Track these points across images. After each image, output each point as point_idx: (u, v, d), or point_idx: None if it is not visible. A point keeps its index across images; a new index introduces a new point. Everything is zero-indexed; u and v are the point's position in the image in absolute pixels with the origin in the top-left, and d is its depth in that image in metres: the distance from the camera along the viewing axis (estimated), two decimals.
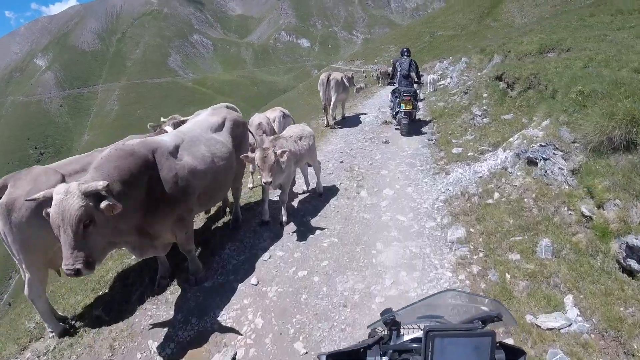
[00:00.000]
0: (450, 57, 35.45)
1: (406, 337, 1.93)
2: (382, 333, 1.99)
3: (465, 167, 9.67)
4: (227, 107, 8.27)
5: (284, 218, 8.01)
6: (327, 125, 16.40)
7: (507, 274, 5.74)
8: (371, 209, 8.43)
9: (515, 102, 12.18)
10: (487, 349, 1.56)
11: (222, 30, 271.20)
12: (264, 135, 9.26)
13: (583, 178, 6.45)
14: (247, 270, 6.69)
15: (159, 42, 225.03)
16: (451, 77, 24.69)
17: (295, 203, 9.16)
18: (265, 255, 7.02)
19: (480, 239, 6.68)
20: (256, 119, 10.07)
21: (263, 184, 6.90)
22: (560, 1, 54.04)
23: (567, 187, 6.75)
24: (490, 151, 10.20)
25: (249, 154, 6.99)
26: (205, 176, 6.04)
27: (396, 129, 15.13)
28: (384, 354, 1.78)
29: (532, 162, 7.83)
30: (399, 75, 15.12)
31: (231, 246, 7.43)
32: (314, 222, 8.09)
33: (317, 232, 7.67)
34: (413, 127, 14.81)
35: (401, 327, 1.97)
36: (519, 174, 7.98)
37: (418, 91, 17.34)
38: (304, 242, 7.35)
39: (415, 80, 15.43)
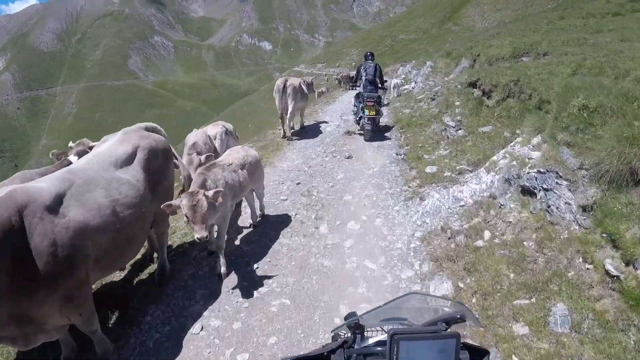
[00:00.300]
0: (413, 61, 34.48)
1: (371, 341, 1.88)
2: (346, 337, 1.96)
3: (442, 192, 8.09)
4: (147, 128, 6.18)
5: (223, 269, 6.23)
6: (284, 137, 14.65)
7: (514, 357, 4.22)
8: (333, 252, 6.76)
9: (493, 112, 10.84)
10: (452, 351, 1.54)
11: (184, 32, 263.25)
12: (195, 155, 7.56)
13: (600, 219, 4.99)
14: (172, 351, 4.91)
15: (119, 43, 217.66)
16: (416, 82, 23.50)
17: (238, 241, 7.39)
18: (197, 327, 5.23)
19: (474, 300, 5.13)
20: (191, 137, 8.27)
21: (197, 239, 5.10)
22: (521, 6, 54.36)
23: (578, 228, 5.29)
24: (470, 171, 8.75)
25: (173, 201, 5.20)
26: (103, 233, 4.33)
27: (359, 134, 14.47)
28: (348, 358, 1.75)
29: (528, 192, 6.34)
30: (363, 80, 14.53)
31: (155, 310, 5.58)
32: (260, 271, 6.36)
33: (264, 288, 5.93)
34: (377, 134, 14.15)
35: (365, 331, 1.91)
36: (512, 206, 6.48)
37: (382, 96, 16.45)
38: (246, 304, 5.60)
39: (379, 85, 14.77)
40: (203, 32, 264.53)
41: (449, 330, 1.71)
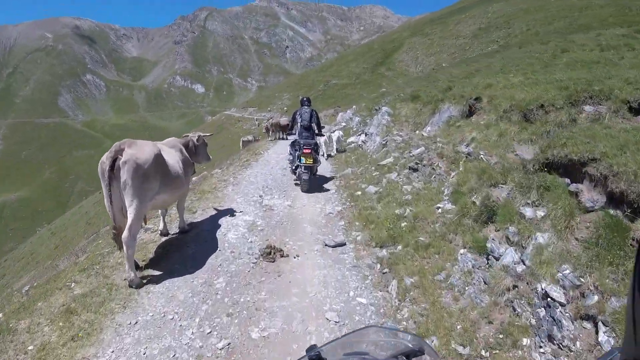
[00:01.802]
0: (354, 106, 29.27)
1: None
2: None
3: None
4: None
5: None
6: (126, 280, 6.09)
7: None
8: None
9: None
10: None
11: (117, 71, 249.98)
12: None
13: None
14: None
15: (50, 80, 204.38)
16: (368, 134, 17.17)
17: None
18: None
19: None
20: None
21: None
22: (456, 49, 50.43)
23: None
24: None
25: None
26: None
27: (295, 184, 12.69)
28: None
29: None
30: (299, 126, 12.95)
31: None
32: None
33: None
34: (315, 184, 12.22)
35: None
36: None
37: (319, 142, 15.40)
38: None
39: (316, 131, 13.19)
40: (136, 72, 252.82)
41: None
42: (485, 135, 8.44)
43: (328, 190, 11.71)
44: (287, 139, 24.02)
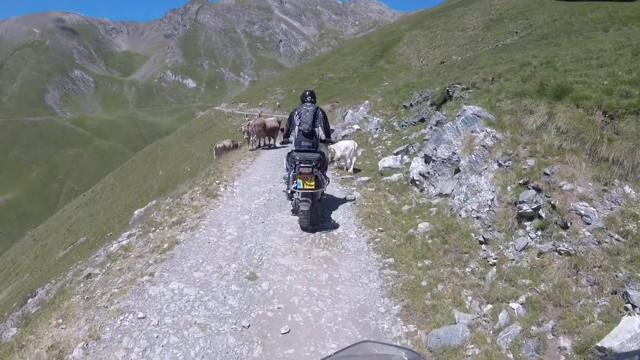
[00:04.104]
0: (366, 101, 23.06)
1: None
2: None
3: None
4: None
5: None
6: None
7: None
8: None
9: None
10: None
11: (106, 66, 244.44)
12: None
13: None
14: None
15: (37, 76, 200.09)
16: (432, 158, 10.28)
17: None
18: None
19: None
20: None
21: None
22: (467, 41, 47.08)
23: None
24: None
25: None
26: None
27: (293, 212, 9.11)
28: None
29: None
30: (296, 132, 8.85)
31: None
32: None
33: None
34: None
35: None
36: None
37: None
38: None
39: (323, 138, 9.48)
40: (125, 67, 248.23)
41: None
42: None
43: (347, 224, 8.58)
44: (276, 147, 18.85)
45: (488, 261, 5.97)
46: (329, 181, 9.53)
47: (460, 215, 7.52)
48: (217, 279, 6.21)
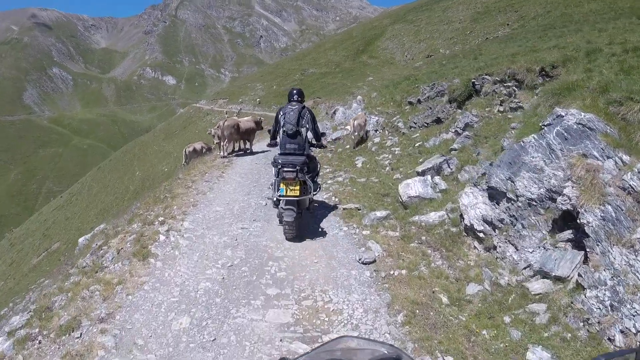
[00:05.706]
0: (359, 97, 20.58)
1: None
2: None
3: None
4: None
5: None
6: None
7: None
8: None
9: None
10: None
11: (84, 63, 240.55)
12: None
13: None
14: None
15: (15, 74, 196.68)
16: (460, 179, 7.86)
17: None
18: None
19: None
20: None
21: None
22: (454, 34, 46.16)
23: None
24: None
25: None
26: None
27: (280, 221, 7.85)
28: None
29: None
30: (281, 134, 8.03)
31: None
32: None
33: None
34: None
35: None
36: None
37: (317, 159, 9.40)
38: None
39: (312, 142, 8.37)
40: (104, 65, 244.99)
41: None
42: None
43: (377, 329, 4.87)
44: (253, 152, 16.80)
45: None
46: (320, 188, 8.65)
47: (611, 339, 3.89)
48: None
